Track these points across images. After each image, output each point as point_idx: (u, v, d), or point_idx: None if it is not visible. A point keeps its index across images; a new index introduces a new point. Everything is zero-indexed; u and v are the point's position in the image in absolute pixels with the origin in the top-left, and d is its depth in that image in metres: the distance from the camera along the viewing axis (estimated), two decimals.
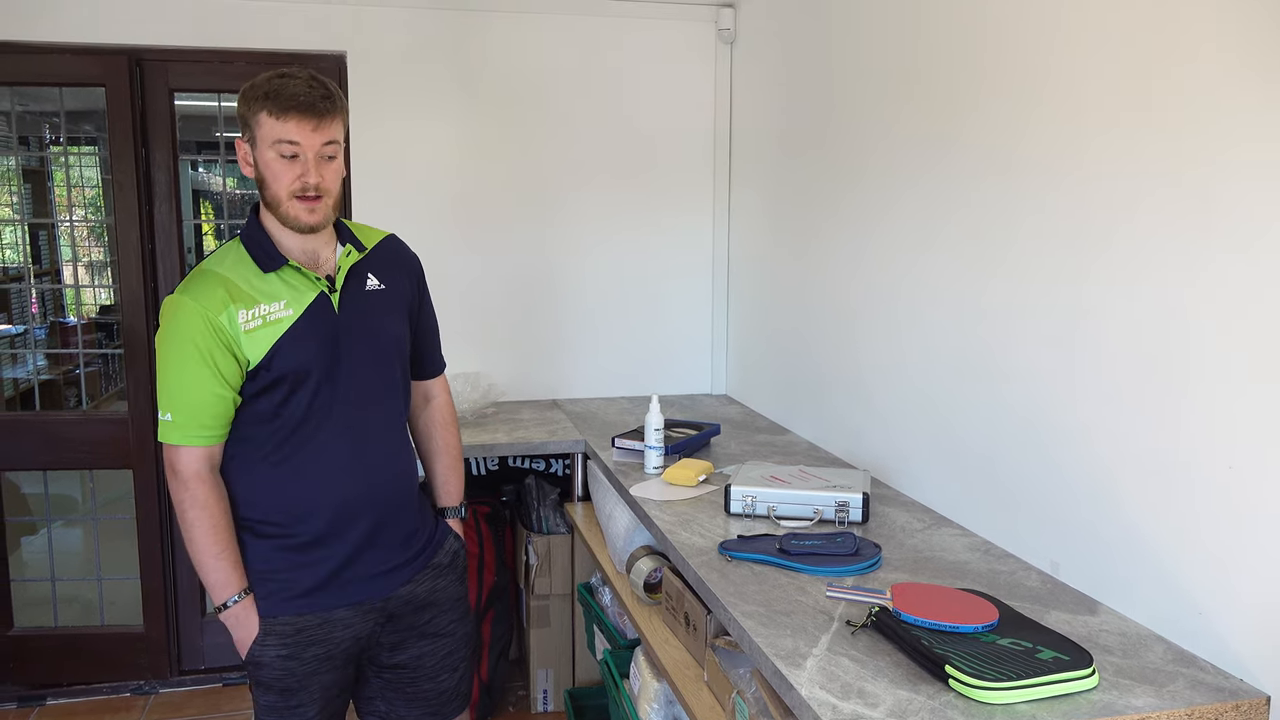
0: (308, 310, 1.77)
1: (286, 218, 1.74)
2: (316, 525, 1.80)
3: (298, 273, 1.78)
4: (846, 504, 2.09)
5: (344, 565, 1.83)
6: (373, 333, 1.85)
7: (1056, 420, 1.80)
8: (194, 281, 1.75)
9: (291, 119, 1.66)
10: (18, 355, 4.71)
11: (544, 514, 3.13)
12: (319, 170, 1.71)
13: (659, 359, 3.60)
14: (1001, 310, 1.95)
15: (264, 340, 1.73)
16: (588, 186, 3.45)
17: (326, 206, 1.75)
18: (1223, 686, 1.40)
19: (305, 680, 1.82)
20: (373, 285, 1.88)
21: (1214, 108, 1.43)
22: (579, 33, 3.35)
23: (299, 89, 1.67)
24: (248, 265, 1.77)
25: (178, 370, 1.72)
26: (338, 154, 1.75)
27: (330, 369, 1.78)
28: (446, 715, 2.04)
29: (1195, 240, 1.48)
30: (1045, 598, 1.71)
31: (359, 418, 1.83)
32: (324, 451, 1.79)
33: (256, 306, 1.73)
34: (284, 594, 1.80)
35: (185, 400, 1.72)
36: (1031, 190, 1.84)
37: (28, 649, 3.33)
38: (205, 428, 1.74)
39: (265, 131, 1.68)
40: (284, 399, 1.76)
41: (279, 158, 1.69)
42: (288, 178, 1.70)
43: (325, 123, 1.70)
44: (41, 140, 4.84)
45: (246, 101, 1.70)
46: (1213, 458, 1.47)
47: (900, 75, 2.30)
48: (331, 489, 1.80)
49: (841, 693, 1.37)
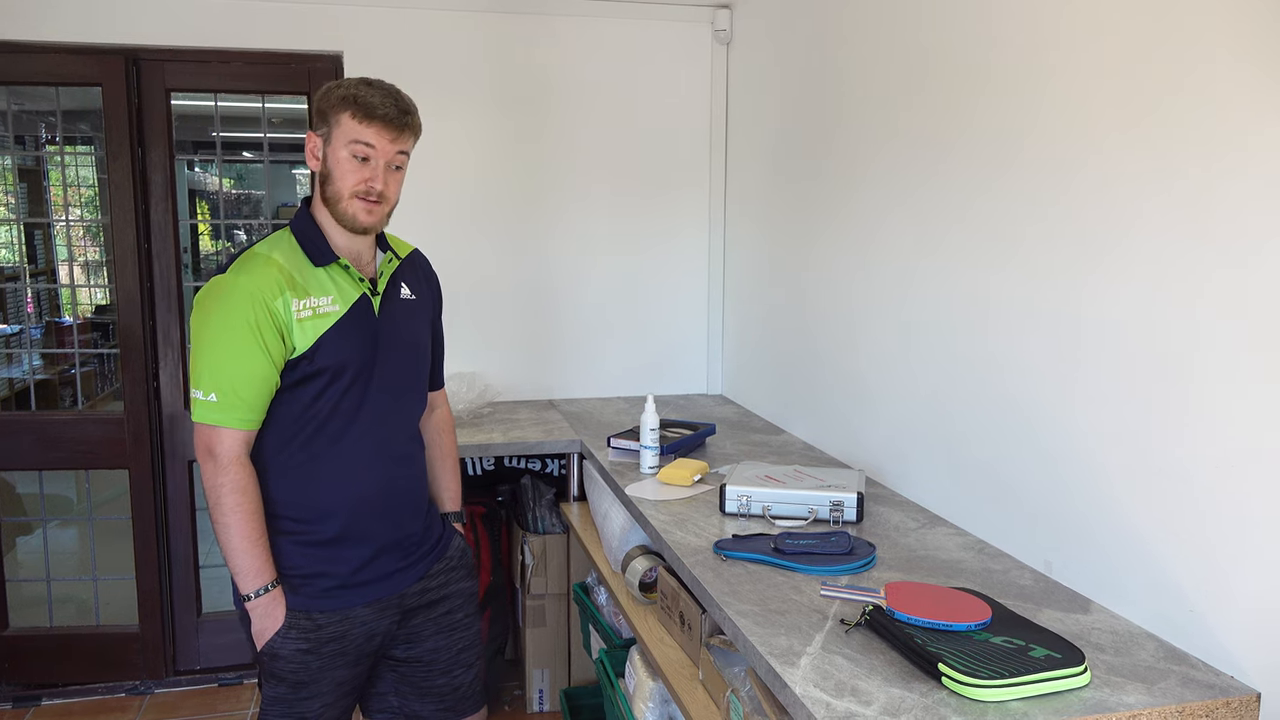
0: (352, 309, 1.81)
1: (344, 215, 1.78)
2: (339, 522, 1.82)
3: (345, 271, 1.83)
4: (841, 503, 2.10)
5: (364, 564, 1.85)
6: (405, 339, 1.90)
7: (1051, 421, 1.81)
8: (248, 263, 1.77)
9: (375, 125, 1.74)
10: (13, 355, 4.70)
11: (540, 514, 3.13)
12: (386, 177, 1.78)
13: (655, 359, 3.61)
14: (997, 311, 1.96)
15: (312, 331, 1.76)
16: (584, 187, 3.45)
17: (384, 212, 1.82)
18: (1214, 684, 1.41)
19: (318, 675, 1.83)
20: (406, 295, 1.94)
21: (1217, 110, 1.44)
22: (576, 34, 3.36)
23: (385, 101, 1.75)
24: (300, 256, 1.80)
25: (228, 349, 1.72)
26: (405, 166, 1.82)
27: (365, 369, 1.82)
28: (461, 713, 2.06)
29: (1193, 241, 1.48)
30: (1038, 596, 1.72)
31: (384, 419, 1.86)
32: (350, 450, 1.82)
33: (309, 297, 1.77)
34: (307, 590, 1.82)
35: (233, 380, 1.72)
36: (1029, 191, 1.85)
37: (23, 649, 3.32)
38: (249, 409, 1.74)
39: (345, 131, 1.74)
40: (319, 392, 1.79)
41: (352, 158, 1.76)
42: (355, 178, 1.76)
43: (403, 135, 1.78)
44: (38, 139, 4.84)
45: (331, 100, 1.76)
46: (1206, 458, 1.48)
47: (899, 76, 2.30)
48: (355, 487, 1.83)
49: (835, 691, 1.38)
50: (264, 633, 1.79)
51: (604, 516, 2.65)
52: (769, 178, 3.12)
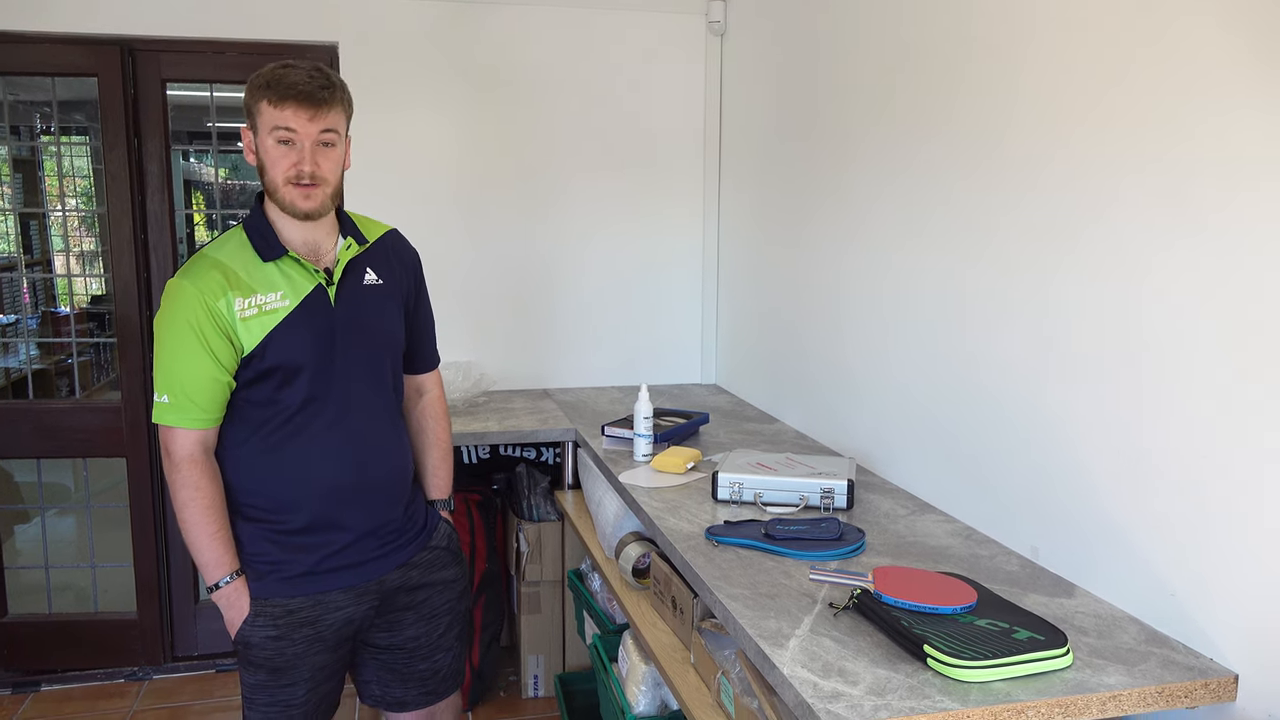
0: (304, 302, 1.80)
1: (284, 203, 1.77)
2: (305, 514, 1.83)
3: (296, 264, 1.81)
4: (832, 490, 2.13)
5: (335, 552, 1.86)
6: (367, 327, 1.88)
7: (1037, 409, 1.84)
8: (193, 266, 1.78)
9: (289, 106, 1.70)
10: (9, 344, 4.71)
11: (534, 502, 3.16)
12: (314, 158, 1.75)
13: (649, 349, 3.63)
14: (983, 301, 1.98)
15: (259, 329, 1.76)
16: (579, 177, 3.47)
17: (323, 194, 1.78)
18: (1193, 665, 1.44)
19: (295, 660, 1.84)
20: (370, 280, 1.91)
21: (1187, 104, 1.47)
22: (569, 24, 3.37)
23: (298, 78, 1.71)
24: (248, 253, 1.79)
25: (174, 353, 1.74)
26: (336, 143, 1.78)
27: (324, 361, 1.81)
28: (440, 695, 2.07)
29: (1171, 232, 1.51)
30: (1024, 581, 1.75)
31: (352, 410, 1.85)
32: (316, 442, 1.82)
33: (253, 295, 1.76)
34: (274, 576, 1.83)
35: (181, 383, 1.74)
36: (1012, 184, 1.87)
37: (22, 636, 3.35)
38: (200, 410, 1.76)
39: (265, 119, 1.72)
40: (277, 388, 1.79)
41: (276, 144, 1.73)
42: (284, 164, 1.74)
43: (322, 111, 1.73)
44: (33, 130, 4.84)
45: (250, 90, 1.75)
46: (1183, 446, 1.50)
47: (887, 68, 2.32)
48: (321, 479, 1.83)
49: (823, 671, 1.40)
50: (234, 622, 1.81)
51: (598, 504, 2.67)
52: (762, 169, 3.14)
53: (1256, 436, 1.38)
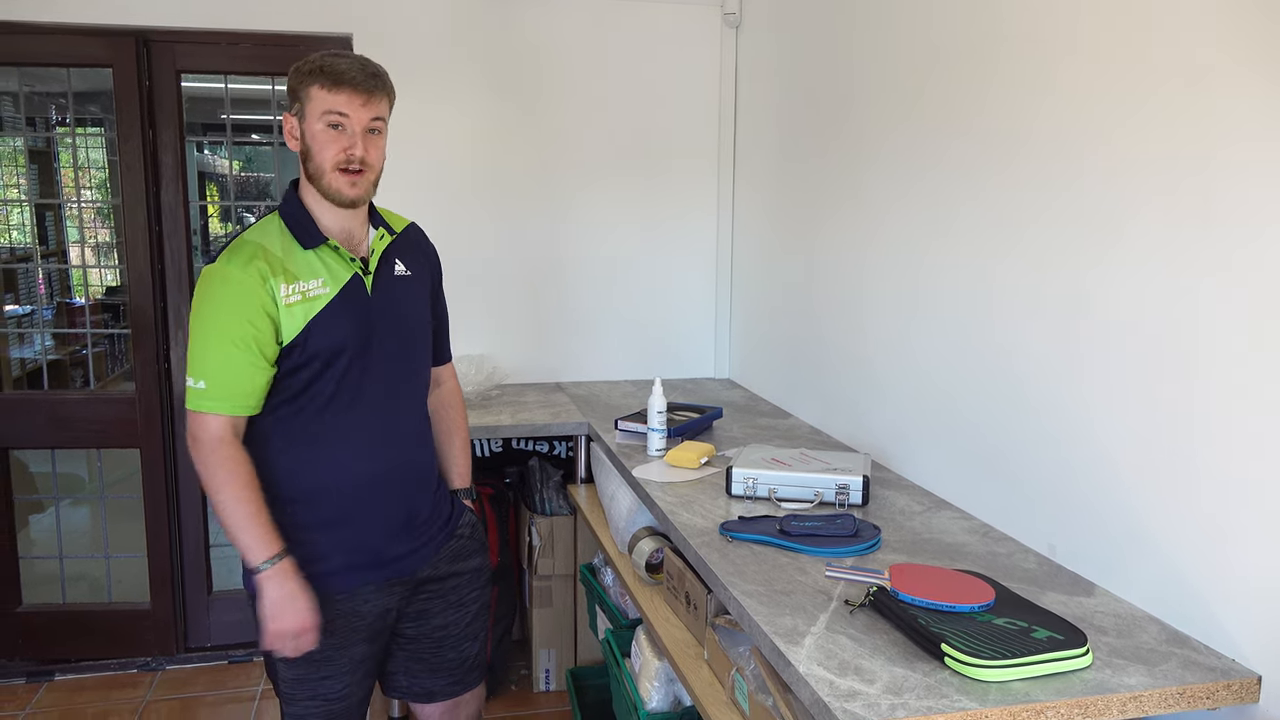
0: (343, 290, 1.80)
1: (328, 190, 1.77)
2: (344, 503, 1.82)
3: (335, 252, 1.81)
4: (847, 486, 2.11)
5: (372, 545, 1.86)
6: (402, 316, 1.89)
7: (1057, 405, 1.82)
8: (237, 252, 1.76)
9: (344, 91, 1.72)
10: (25, 335, 4.73)
11: (547, 495, 3.15)
12: (364, 143, 1.76)
13: (663, 342, 3.62)
14: (1006, 296, 1.96)
15: (301, 316, 1.76)
16: (592, 170, 3.45)
17: (368, 181, 1.79)
18: (1215, 666, 1.42)
19: (335, 653, 1.84)
20: (400, 271, 1.92)
21: (1220, 100, 1.44)
22: (585, 16, 3.35)
23: (351, 66, 1.74)
24: (288, 240, 1.79)
25: (217, 338, 1.72)
26: (383, 131, 1.80)
27: (362, 349, 1.81)
28: (468, 685, 2.08)
29: (1201, 228, 1.49)
30: (1042, 579, 1.73)
31: (387, 398, 1.86)
32: (353, 430, 1.82)
33: (296, 282, 1.76)
34: (313, 571, 1.80)
35: (221, 368, 1.72)
36: (1041, 178, 1.85)
37: (36, 625, 3.37)
38: (239, 395, 1.74)
39: (315, 104, 1.73)
40: (316, 376, 1.78)
41: (327, 128, 1.74)
42: (333, 149, 1.75)
43: (374, 99, 1.76)
44: (48, 121, 4.86)
45: (299, 76, 1.75)
46: (1210, 444, 1.48)
47: (911, 61, 2.30)
48: (359, 467, 1.83)
49: (839, 669, 1.39)
50: (278, 603, 1.73)
51: (611, 498, 2.66)
52: (777, 161, 3.12)
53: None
